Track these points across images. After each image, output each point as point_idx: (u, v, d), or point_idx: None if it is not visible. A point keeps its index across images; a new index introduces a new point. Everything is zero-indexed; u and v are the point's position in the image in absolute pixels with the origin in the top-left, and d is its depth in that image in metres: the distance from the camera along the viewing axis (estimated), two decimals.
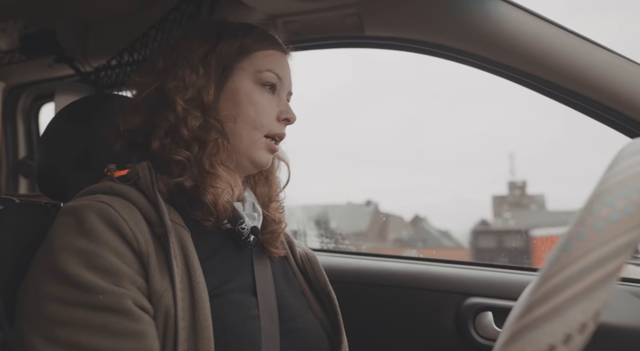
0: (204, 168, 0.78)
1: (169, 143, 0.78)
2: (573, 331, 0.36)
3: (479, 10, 1.03)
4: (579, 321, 0.36)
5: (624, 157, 0.43)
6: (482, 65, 1.08)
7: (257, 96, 0.83)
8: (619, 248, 0.37)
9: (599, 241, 0.37)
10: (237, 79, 0.83)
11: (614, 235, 0.37)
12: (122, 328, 0.62)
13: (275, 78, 0.85)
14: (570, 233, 0.39)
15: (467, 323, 1.19)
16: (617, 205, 0.38)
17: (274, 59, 0.87)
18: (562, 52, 0.98)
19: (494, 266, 1.29)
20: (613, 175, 0.41)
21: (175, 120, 0.78)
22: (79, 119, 0.95)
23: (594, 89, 0.97)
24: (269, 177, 0.95)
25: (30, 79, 1.83)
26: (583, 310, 0.36)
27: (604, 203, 0.39)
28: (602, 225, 0.38)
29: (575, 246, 0.38)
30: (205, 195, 0.76)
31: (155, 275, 0.66)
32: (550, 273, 0.38)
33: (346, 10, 1.14)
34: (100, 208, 0.68)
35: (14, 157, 1.97)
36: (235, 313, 0.73)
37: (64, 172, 0.91)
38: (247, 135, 0.83)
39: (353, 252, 1.48)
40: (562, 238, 0.40)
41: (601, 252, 0.37)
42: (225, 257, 0.79)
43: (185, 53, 0.83)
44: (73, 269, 0.63)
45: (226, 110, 0.82)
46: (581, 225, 0.39)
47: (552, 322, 0.36)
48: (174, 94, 0.79)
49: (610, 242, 0.37)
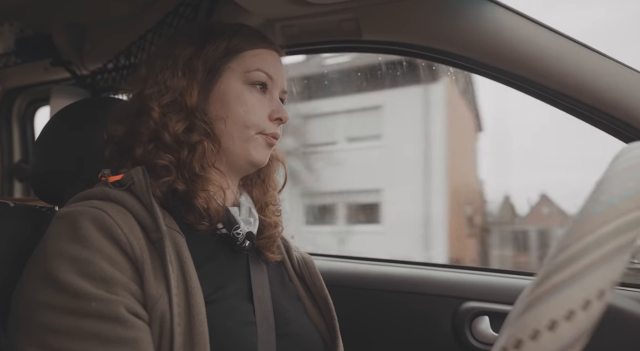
0: (194, 171, 0.77)
1: (152, 149, 0.78)
2: (592, 296, 0.36)
3: (476, 15, 1.04)
4: (597, 287, 0.37)
5: (632, 148, 0.45)
6: (479, 69, 1.08)
7: (246, 95, 0.83)
8: (633, 221, 0.38)
9: (614, 214, 0.39)
10: (225, 80, 0.83)
11: (628, 208, 0.39)
12: (114, 336, 0.61)
13: (265, 77, 0.84)
14: (585, 209, 0.41)
15: (463, 328, 1.19)
16: (629, 184, 0.40)
17: (264, 57, 0.86)
18: (558, 57, 0.99)
19: (490, 271, 1.29)
20: (619, 164, 0.43)
21: (155, 126, 0.78)
22: (74, 123, 0.95)
23: (589, 94, 0.97)
24: (265, 179, 0.94)
25: (26, 82, 1.83)
26: (601, 277, 0.37)
27: (615, 183, 0.41)
28: (617, 201, 0.39)
29: (591, 219, 0.39)
30: (197, 199, 0.76)
31: (150, 280, 0.66)
32: (566, 243, 0.39)
33: (344, 15, 1.14)
34: (94, 214, 0.67)
35: (9, 160, 1.96)
36: (231, 319, 0.72)
37: (59, 176, 0.91)
38: (238, 135, 0.82)
39: (349, 256, 1.48)
40: (578, 213, 0.41)
41: (617, 223, 0.39)
42: (220, 262, 0.79)
43: (168, 57, 0.82)
44: (66, 276, 0.62)
45: (215, 111, 0.81)
46: (596, 201, 0.40)
47: (571, 288, 0.37)
48: (150, 100, 0.79)
49: (625, 215, 0.39)
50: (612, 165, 0.44)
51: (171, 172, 0.77)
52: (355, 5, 1.11)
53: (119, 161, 0.80)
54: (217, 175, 0.81)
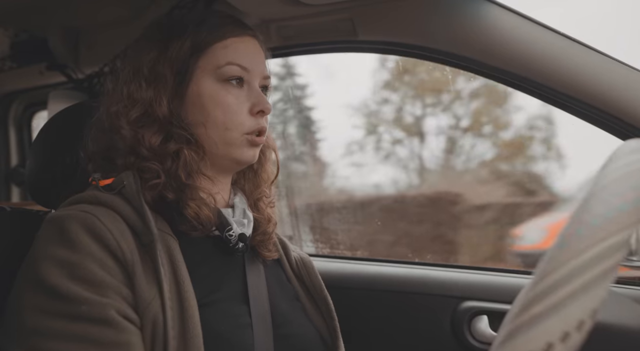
0: (181, 180, 0.75)
1: (135, 161, 0.76)
2: (571, 329, 0.36)
3: (472, 14, 1.04)
4: (576, 319, 0.36)
5: (619, 156, 0.43)
6: (476, 68, 1.08)
7: (222, 96, 0.78)
8: (615, 245, 0.37)
9: (596, 238, 0.37)
10: (197, 81, 0.78)
11: (610, 232, 0.38)
12: (105, 339, 0.60)
13: (238, 70, 0.79)
14: (567, 231, 0.39)
15: (462, 327, 1.19)
16: (612, 202, 0.39)
17: (235, 48, 0.80)
18: (555, 55, 0.99)
19: (489, 270, 1.29)
20: (608, 173, 0.41)
21: (130, 142, 0.75)
22: (70, 126, 0.94)
23: (586, 92, 0.97)
24: (258, 170, 0.91)
25: (22, 86, 1.82)
26: (581, 307, 0.36)
27: (599, 200, 0.39)
28: (599, 222, 0.38)
29: (572, 243, 0.38)
30: (186, 210, 0.74)
31: (141, 284, 0.65)
32: (547, 271, 0.38)
33: (339, 15, 1.14)
34: (84, 218, 0.66)
35: (5, 165, 1.95)
36: (224, 323, 0.72)
37: (55, 180, 0.91)
38: (220, 139, 0.78)
39: (348, 257, 1.48)
40: (559, 236, 0.40)
41: (598, 248, 0.37)
42: (214, 264, 0.78)
43: (132, 67, 0.79)
44: (56, 280, 0.62)
45: (193, 116, 0.78)
46: (577, 222, 0.39)
47: (549, 320, 0.36)
48: (117, 118, 0.76)
49: (607, 239, 0.37)
50: (601, 174, 0.42)
51: (160, 175, 0.75)
52: (351, 6, 1.11)
53: (104, 169, 0.79)
54: (205, 181, 0.79)
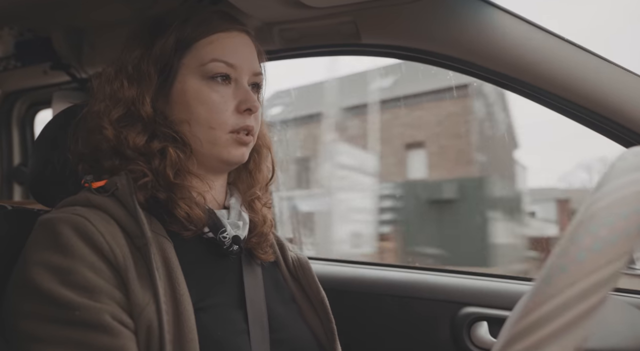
0: (169, 180, 0.74)
1: (121, 163, 0.75)
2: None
3: (476, 19, 1.03)
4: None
5: (612, 176, 0.40)
6: (479, 73, 1.08)
7: (206, 94, 0.76)
8: (601, 281, 0.36)
9: (581, 274, 0.36)
10: (182, 79, 0.77)
11: (596, 266, 0.36)
12: (100, 343, 0.60)
13: (224, 67, 0.77)
14: (552, 264, 0.38)
15: (462, 333, 1.18)
16: (600, 234, 0.37)
17: (221, 44, 0.78)
18: (556, 60, 0.98)
19: (489, 276, 1.28)
20: (598, 199, 0.39)
21: (114, 143, 0.74)
22: (71, 126, 0.94)
23: (589, 98, 0.97)
24: (252, 171, 0.89)
25: (26, 85, 1.82)
26: (562, 348, 0.35)
27: (587, 231, 0.38)
28: (585, 256, 0.37)
29: (557, 279, 0.37)
30: (176, 209, 0.73)
31: (135, 288, 0.64)
32: (530, 307, 0.37)
33: (342, 18, 1.14)
34: (76, 221, 0.65)
35: (8, 164, 1.96)
36: (220, 328, 0.71)
37: (56, 179, 0.91)
38: (205, 138, 0.77)
39: (347, 260, 1.47)
40: (544, 269, 0.39)
41: (582, 285, 0.36)
42: (209, 267, 0.77)
43: (116, 66, 0.78)
44: (49, 285, 0.61)
45: (177, 114, 0.77)
46: (563, 255, 0.38)
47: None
48: (100, 117, 0.75)
49: (592, 275, 0.36)
50: (593, 197, 0.40)
51: (147, 174, 0.74)
52: (354, 9, 1.11)
53: (94, 171, 0.78)
54: (195, 180, 0.78)
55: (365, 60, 4.27)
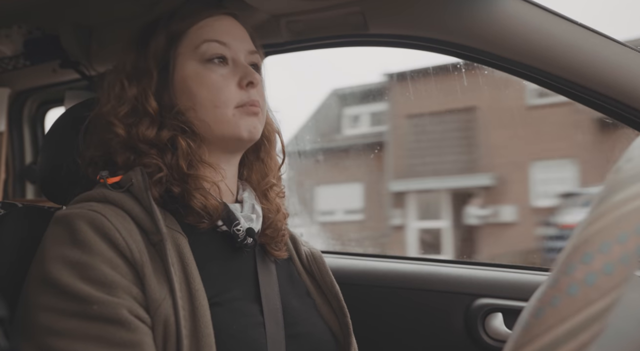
0: (183, 171, 0.75)
1: (133, 158, 0.77)
2: None
3: (485, 6, 1.01)
4: None
5: (611, 191, 0.36)
6: (489, 61, 1.06)
7: (205, 75, 0.78)
8: (594, 315, 0.33)
9: (573, 309, 0.34)
10: (180, 67, 0.80)
11: (589, 301, 0.34)
12: (118, 338, 0.60)
13: (217, 46, 0.80)
14: (543, 297, 0.36)
15: (476, 325, 1.17)
16: (594, 264, 0.34)
17: (210, 26, 0.81)
18: (571, 46, 0.96)
19: (503, 267, 1.27)
20: (595, 219, 0.35)
21: (125, 137, 0.76)
22: (80, 123, 0.94)
23: (605, 84, 0.95)
24: (264, 159, 0.90)
25: (36, 84, 1.83)
26: None
27: (580, 260, 0.35)
28: (577, 290, 0.34)
29: (548, 313, 0.35)
30: (193, 200, 0.74)
31: (152, 284, 0.65)
32: (520, 343, 0.35)
33: (350, 9, 1.12)
34: (93, 217, 0.66)
35: (20, 162, 1.97)
36: (236, 322, 0.71)
37: (66, 176, 0.91)
38: (212, 118, 0.78)
39: (359, 253, 1.47)
40: (535, 302, 0.36)
41: (574, 321, 0.33)
42: (223, 261, 0.77)
43: (115, 69, 0.81)
44: (67, 280, 0.62)
45: (182, 103, 0.79)
46: (555, 288, 0.35)
47: None
48: (109, 117, 0.77)
49: (584, 309, 0.34)
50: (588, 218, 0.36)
51: (162, 168, 0.75)
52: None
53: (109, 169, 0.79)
54: (208, 170, 0.79)
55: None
